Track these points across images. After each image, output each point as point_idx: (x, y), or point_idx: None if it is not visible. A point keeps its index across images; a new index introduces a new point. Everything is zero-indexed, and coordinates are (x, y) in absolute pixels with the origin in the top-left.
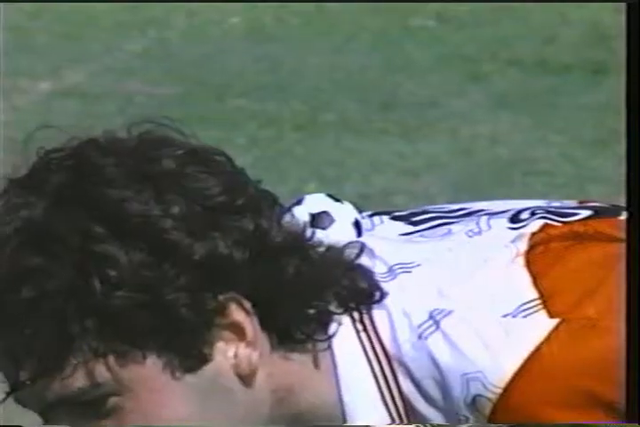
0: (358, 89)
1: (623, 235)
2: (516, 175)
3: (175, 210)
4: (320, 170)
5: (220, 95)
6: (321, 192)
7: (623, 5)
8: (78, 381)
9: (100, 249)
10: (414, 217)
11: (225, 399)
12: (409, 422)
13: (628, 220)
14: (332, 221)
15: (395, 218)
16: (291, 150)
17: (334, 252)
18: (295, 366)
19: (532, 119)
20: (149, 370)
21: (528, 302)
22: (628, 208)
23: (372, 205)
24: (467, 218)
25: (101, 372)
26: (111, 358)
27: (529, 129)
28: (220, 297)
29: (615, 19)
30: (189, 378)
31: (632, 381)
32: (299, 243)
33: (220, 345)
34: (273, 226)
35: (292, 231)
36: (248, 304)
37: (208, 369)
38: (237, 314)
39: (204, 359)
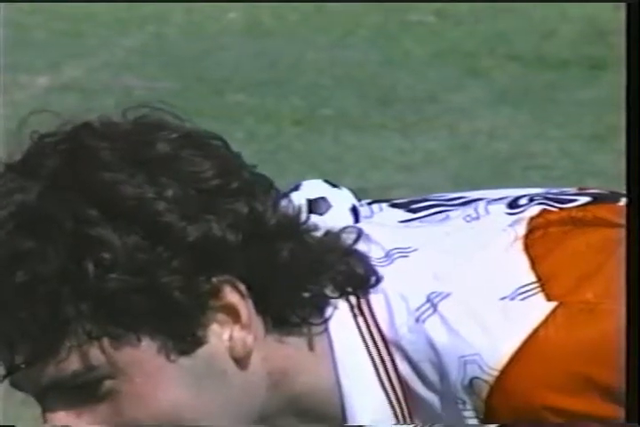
0: (357, 84)
1: (622, 220)
2: (515, 170)
3: (169, 193)
4: (318, 165)
5: (218, 90)
6: None
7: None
8: (73, 364)
9: (94, 232)
10: (413, 205)
11: (220, 382)
12: (407, 406)
13: (628, 206)
14: (329, 206)
15: (394, 206)
16: (289, 145)
17: (331, 237)
18: (290, 349)
19: (530, 114)
20: (144, 353)
21: (526, 286)
22: (627, 195)
23: (370, 199)
24: (466, 206)
25: (96, 355)
26: (106, 341)
27: (528, 124)
28: (214, 280)
29: (613, 15)
30: (184, 361)
31: (632, 379)
32: (293, 227)
33: (214, 328)
34: (267, 209)
35: (287, 215)
36: (242, 287)
37: (203, 352)
38: (232, 296)
39: (198, 342)
